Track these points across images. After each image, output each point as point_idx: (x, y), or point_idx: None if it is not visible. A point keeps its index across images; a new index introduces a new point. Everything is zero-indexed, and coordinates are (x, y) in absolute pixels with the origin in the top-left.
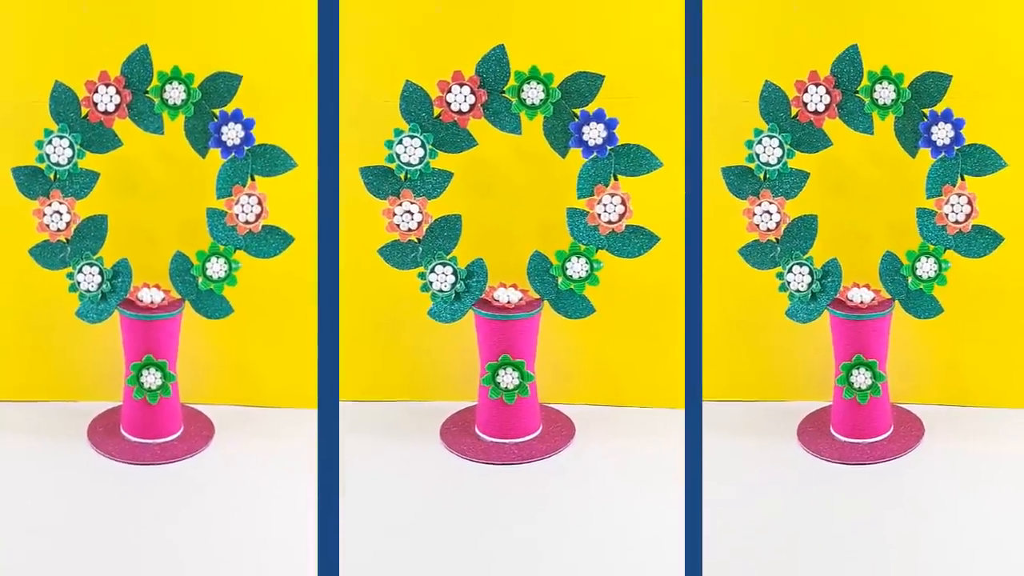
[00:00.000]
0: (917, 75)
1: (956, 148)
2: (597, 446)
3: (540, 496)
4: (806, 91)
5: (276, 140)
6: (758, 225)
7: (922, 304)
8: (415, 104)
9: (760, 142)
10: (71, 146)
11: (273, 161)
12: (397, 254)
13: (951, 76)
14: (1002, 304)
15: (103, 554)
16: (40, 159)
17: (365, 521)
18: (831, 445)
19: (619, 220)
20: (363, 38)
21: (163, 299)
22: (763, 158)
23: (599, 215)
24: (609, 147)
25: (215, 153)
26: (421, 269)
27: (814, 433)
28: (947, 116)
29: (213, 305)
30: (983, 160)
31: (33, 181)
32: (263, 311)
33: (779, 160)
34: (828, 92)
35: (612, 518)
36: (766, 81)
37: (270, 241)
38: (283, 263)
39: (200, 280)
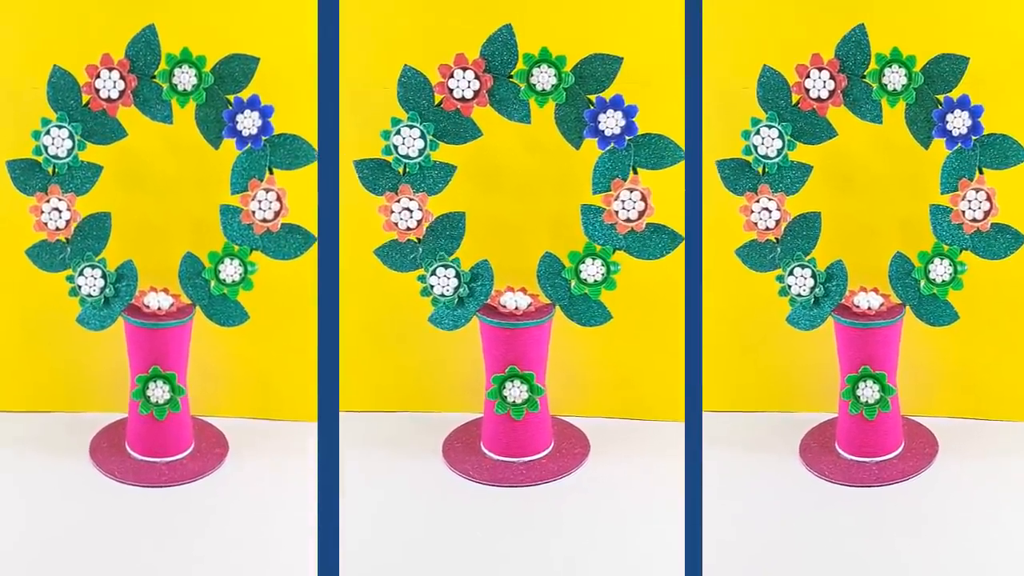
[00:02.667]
0: (930, 58)
1: (974, 138)
2: (613, 466)
3: (549, 522)
4: (808, 76)
5: (297, 129)
6: (756, 223)
7: (936, 310)
8: (414, 91)
9: (758, 133)
10: (71, 137)
11: (294, 153)
12: (395, 255)
13: (968, 59)
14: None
15: None
16: (37, 151)
17: (363, 547)
18: (836, 464)
19: (639, 218)
20: (358, 19)
21: (171, 305)
22: (761, 150)
23: (617, 212)
24: (628, 137)
25: (229, 144)
26: (421, 271)
27: (818, 450)
28: (964, 103)
29: (227, 311)
30: (1003, 151)
31: (30, 175)
32: (269, 316)
33: (779, 152)
34: (832, 77)
35: (626, 548)
36: (764, 66)
37: (290, 241)
38: (283, 263)
39: (212, 284)
